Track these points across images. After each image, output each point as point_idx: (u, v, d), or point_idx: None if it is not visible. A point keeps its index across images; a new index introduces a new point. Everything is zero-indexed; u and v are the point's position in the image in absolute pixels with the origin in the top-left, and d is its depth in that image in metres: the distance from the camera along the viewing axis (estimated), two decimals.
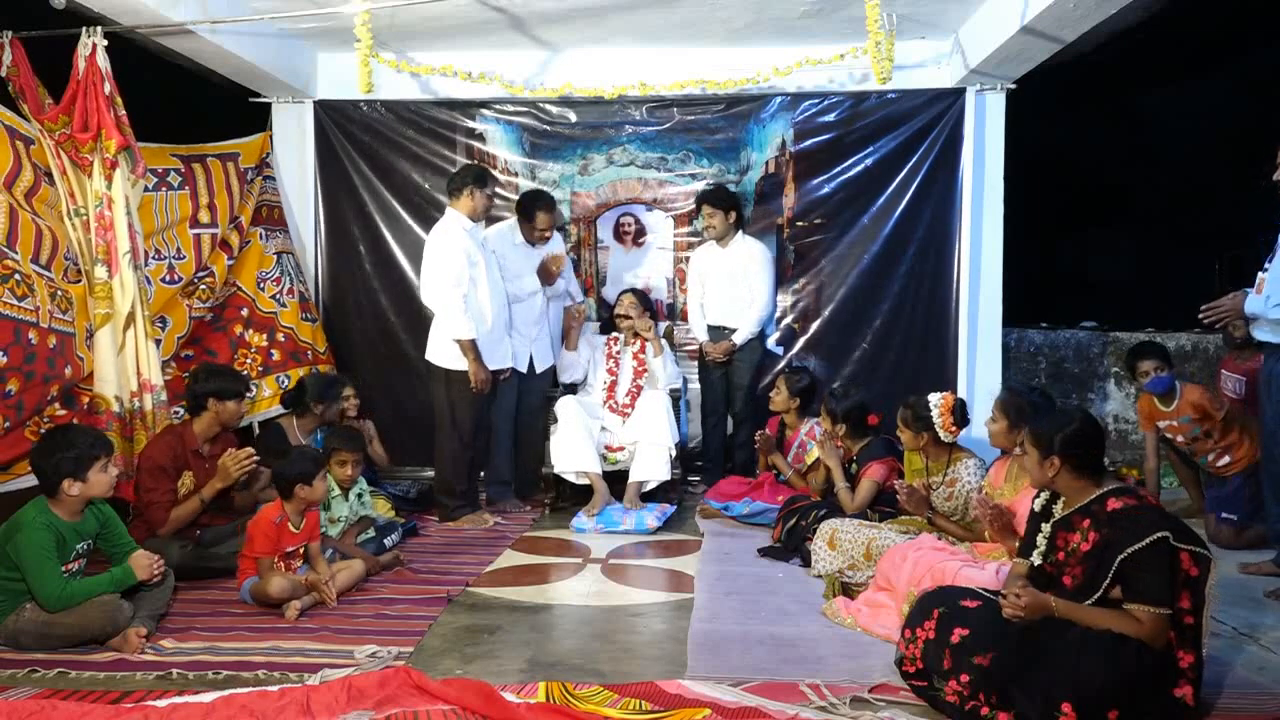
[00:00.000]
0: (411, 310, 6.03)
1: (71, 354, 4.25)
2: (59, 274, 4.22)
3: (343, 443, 4.16)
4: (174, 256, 5.08)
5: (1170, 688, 2.43)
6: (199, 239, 5.26)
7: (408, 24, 5.28)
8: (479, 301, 4.82)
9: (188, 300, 5.17)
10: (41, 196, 4.24)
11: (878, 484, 4.22)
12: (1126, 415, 6.55)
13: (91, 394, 4.29)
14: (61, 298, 4.21)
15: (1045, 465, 2.66)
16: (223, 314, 5.45)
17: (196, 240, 5.24)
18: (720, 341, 5.49)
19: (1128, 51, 5.94)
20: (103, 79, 4.16)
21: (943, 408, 3.84)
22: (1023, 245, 6.11)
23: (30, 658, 3.00)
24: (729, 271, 5.48)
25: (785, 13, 5.22)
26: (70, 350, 4.25)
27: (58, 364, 4.16)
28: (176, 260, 5.10)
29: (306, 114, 5.98)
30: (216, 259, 5.36)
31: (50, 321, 4.12)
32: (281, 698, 2.65)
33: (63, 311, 4.20)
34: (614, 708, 2.60)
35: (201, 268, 5.26)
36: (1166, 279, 7.82)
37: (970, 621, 2.57)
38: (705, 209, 5.46)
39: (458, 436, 4.87)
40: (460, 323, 4.70)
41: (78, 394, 4.33)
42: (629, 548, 4.52)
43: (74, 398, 4.31)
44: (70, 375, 4.22)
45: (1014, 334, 6.57)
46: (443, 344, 4.85)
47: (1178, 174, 7.70)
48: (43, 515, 3.12)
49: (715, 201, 5.45)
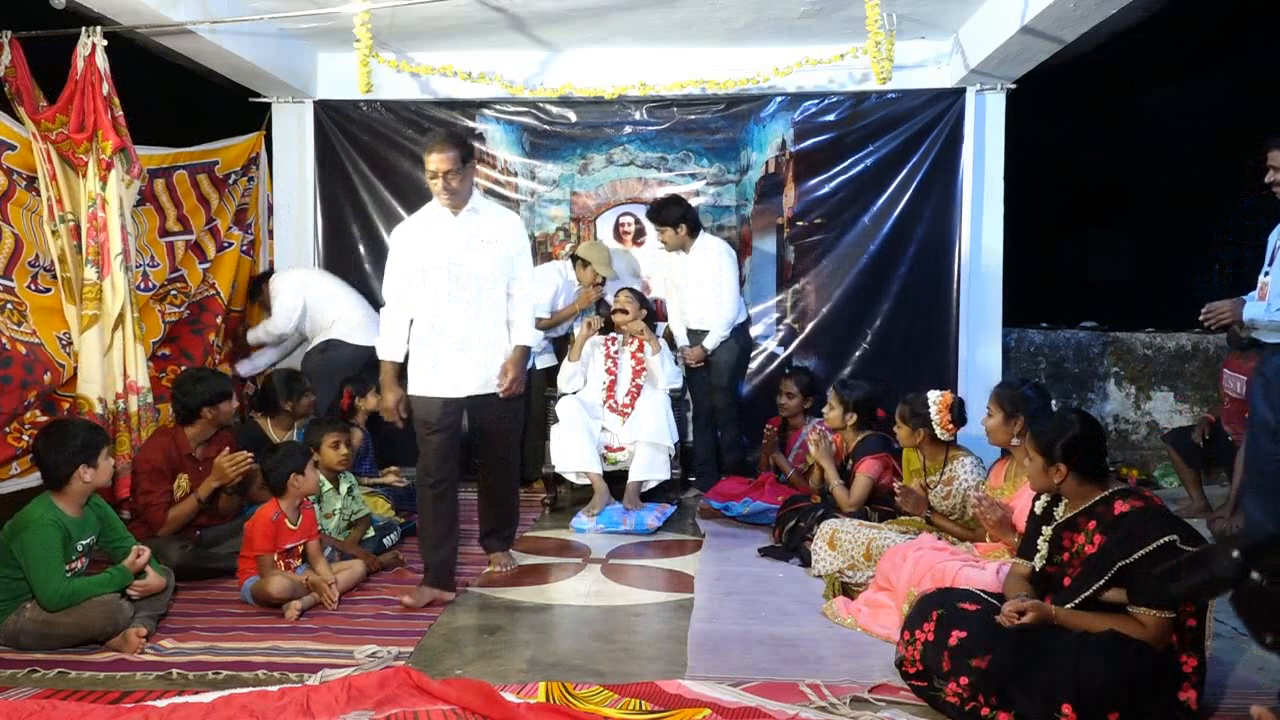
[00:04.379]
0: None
1: (49, 360, 4.24)
2: (22, 282, 4.22)
3: (326, 426, 4.18)
4: (149, 264, 5.07)
5: (1174, 691, 2.43)
6: (172, 246, 5.28)
7: (408, 24, 5.28)
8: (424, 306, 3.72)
9: (159, 305, 5.17)
10: (18, 200, 4.24)
11: (872, 479, 4.22)
12: (1126, 415, 6.56)
13: (73, 397, 4.28)
14: (13, 310, 4.19)
15: (1050, 472, 2.65)
16: (200, 316, 5.45)
17: (170, 247, 5.26)
18: (693, 347, 5.44)
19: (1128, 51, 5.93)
20: (101, 79, 4.16)
21: (940, 405, 3.85)
22: (1023, 245, 6.11)
23: (30, 658, 3.00)
24: (697, 278, 5.40)
25: (785, 13, 5.22)
26: (46, 356, 4.24)
27: (36, 370, 4.16)
28: (151, 267, 5.09)
29: (306, 114, 5.98)
30: (188, 262, 5.37)
31: (10, 333, 4.12)
32: (281, 698, 2.65)
33: (16, 324, 4.19)
34: (614, 708, 2.61)
35: (173, 270, 5.27)
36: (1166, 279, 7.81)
37: (968, 624, 2.57)
38: (655, 226, 5.40)
39: (425, 483, 3.74)
40: (381, 337, 3.81)
41: (57, 400, 4.33)
42: (629, 548, 4.52)
43: (53, 404, 4.32)
44: (50, 381, 4.22)
45: (1014, 334, 6.57)
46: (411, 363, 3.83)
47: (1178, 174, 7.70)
48: (50, 512, 3.13)
49: (662, 219, 5.33)
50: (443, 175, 3.59)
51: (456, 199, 3.66)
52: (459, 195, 3.65)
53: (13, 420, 4.09)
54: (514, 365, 3.78)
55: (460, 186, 3.64)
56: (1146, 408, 6.56)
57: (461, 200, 3.69)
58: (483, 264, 3.73)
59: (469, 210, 3.74)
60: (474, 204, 3.76)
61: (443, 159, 3.58)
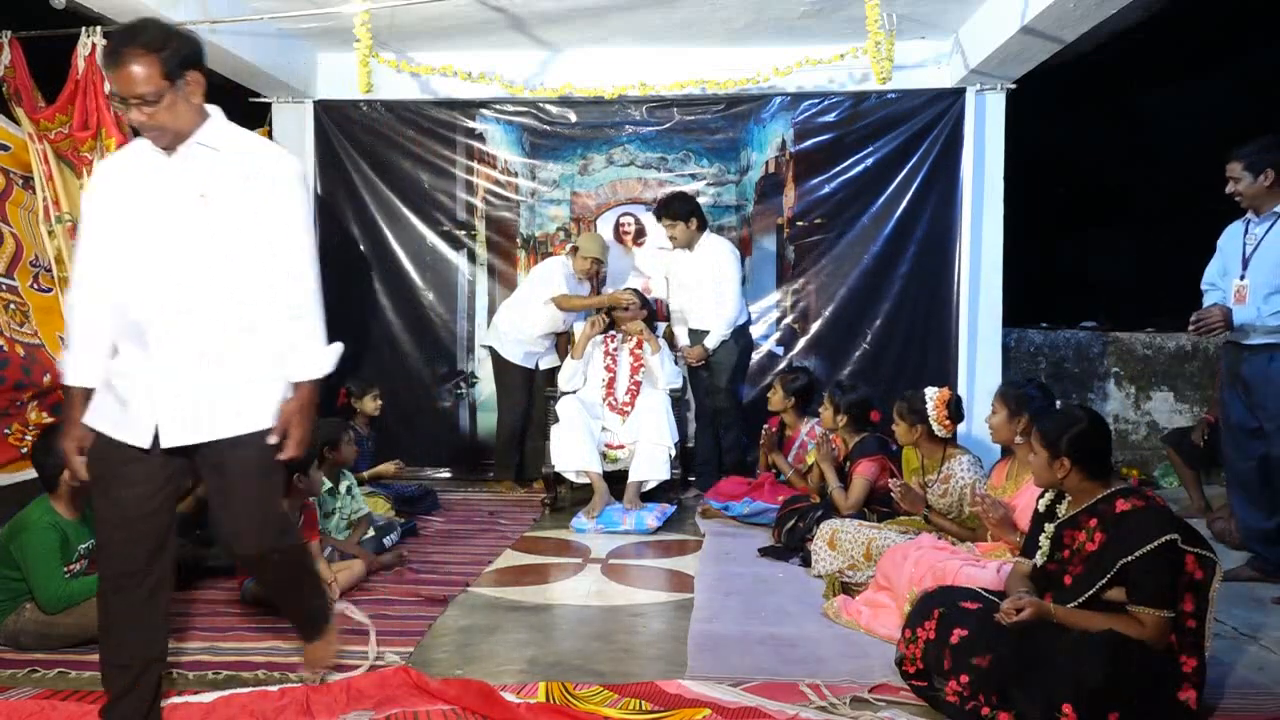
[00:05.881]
0: (412, 310, 6.05)
1: (49, 361, 4.23)
2: (25, 282, 4.21)
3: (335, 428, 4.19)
4: None
5: (1174, 692, 2.43)
6: None
7: (407, 24, 5.28)
8: (116, 298, 2.29)
9: None
10: (15, 200, 4.24)
11: (869, 481, 4.22)
12: (1127, 415, 6.56)
13: None
14: (15, 310, 4.19)
15: (1054, 466, 2.65)
16: None
17: None
18: (694, 346, 5.45)
19: (1128, 51, 5.94)
20: (103, 78, 4.16)
21: (938, 401, 3.86)
22: (1023, 245, 6.10)
23: (30, 658, 3.00)
24: (698, 277, 5.41)
25: (785, 13, 5.22)
26: (45, 357, 4.24)
27: (34, 371, 4.15)
28: None
29: (306, 114, 5.98)
30: None
31: (11, 333, 4.12)
32: (281, 698, 2.65)
33: (19, 324, 4.19)
34: (614, 708, 2.60)
35: None
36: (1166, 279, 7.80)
37: (970, 622, 2.57)
38: (665, 221, 5.38)
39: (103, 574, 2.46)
40: (69, 345, 2.36)
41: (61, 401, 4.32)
42: (629, 548, 4.52)
43: (59, 405, 4.30)
44: (49, 382, 4.21)
45: (1014, 334, 6.57)
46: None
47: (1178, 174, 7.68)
48: (47, 515, 3.12)
49: (672, 214, 5.34)
50: (134, 103, 2.17)
51: (164, 134, 2.23)
52: (166, 129, 2.22)
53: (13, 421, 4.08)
54: (296, 414, 2.31)
55: (170, 118, 2.20)
56: (1146, 408, 6.56)
57: (175, 132, 2.24)
58: (215, 232, 2.26)
59: (195, 144, 2.28)
60: (206, 134, 2.30)
61: (129, 77, 2.14)
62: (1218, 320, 3.71)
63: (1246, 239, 3.82)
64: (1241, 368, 3.81)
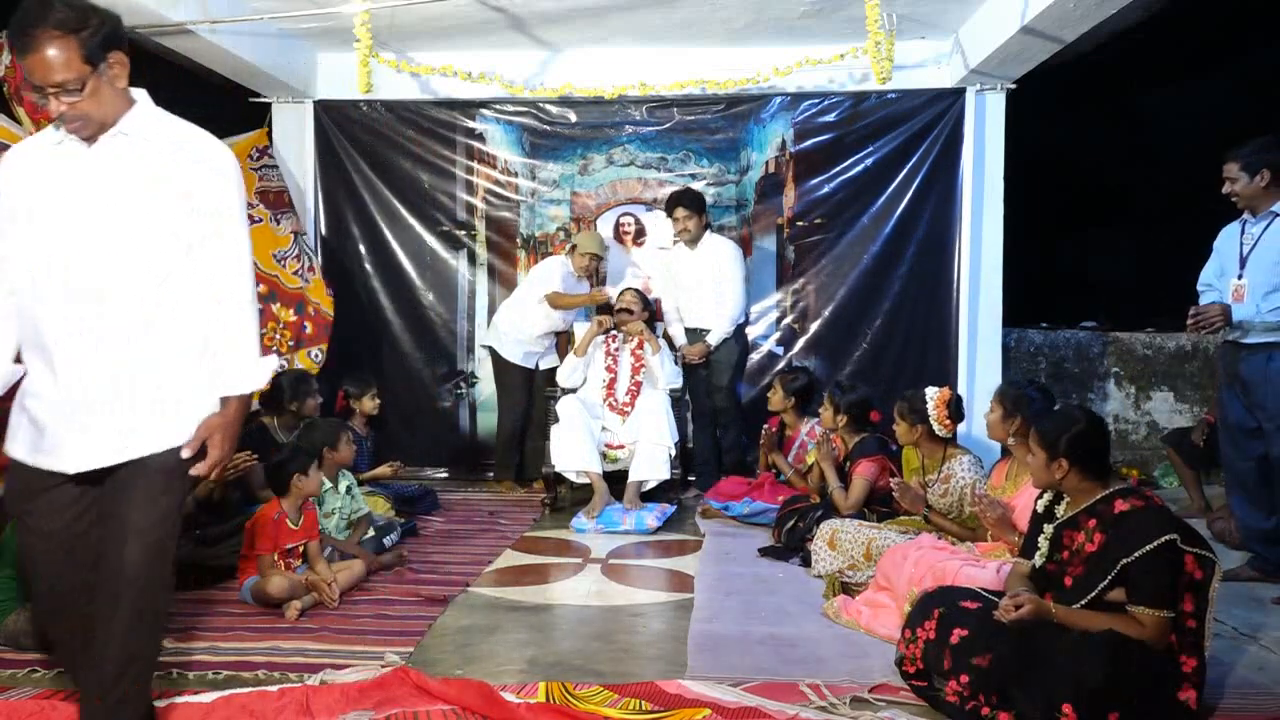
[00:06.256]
0: (412, 310, 6.05)
1: None
2: None
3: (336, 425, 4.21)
4: None
5: (1174, 692, 2.43)
6: None
7: (407, 24, 5.28)
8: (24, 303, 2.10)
9: None
10: None
11: (869, 481, 4.22)
12: (1127, 415, 6.56)
13: None
14: None
15: (1053, 467, 2.64)
16: None
17: None
18: (695, 344, 5.45)
19: (1128, 51, 5.93)
20: None
21: (938, 400, 3.86)
22: (1023, 245, 6.10)
23: (30, 658, 3.00)
24: (699, 275, 5.42)
25: (785, 13, 5.22)
26: None
27: None
28: None
29: (306, 114, 5.98)
30: None
31: None
32: (281, 698, 2.65)
33: None
34: (614, 708, 2.60)
35: None
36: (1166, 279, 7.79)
37: (970, 622, 2.57)
38: (680, 211, 5.36)
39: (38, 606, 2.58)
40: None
41: None
42: (629, 548, 4.52)
43: None
44: None
45: (1014, 334, 6.57)
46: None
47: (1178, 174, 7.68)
48: None
49: (690, 204, 5.35)
50: (53, 91, 1.96)
51: (88, 125, 2.03)
52: (91, 119, 2.02)
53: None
54: (218, 429, 2.13)
55: (95, 106, 2.00)
56: (1146, 408, 6.56)
57: (100, 123, 2.04)
58: (137, 235, 2.04)
59: (118, 134, 2.07)
60: (132, 122, 2.08)
61: (45, 64, 1.93)
62: (1216, 316, 3.71)
63: (1243, 239, 3.83)
64: (1240, 367, 3.81)
